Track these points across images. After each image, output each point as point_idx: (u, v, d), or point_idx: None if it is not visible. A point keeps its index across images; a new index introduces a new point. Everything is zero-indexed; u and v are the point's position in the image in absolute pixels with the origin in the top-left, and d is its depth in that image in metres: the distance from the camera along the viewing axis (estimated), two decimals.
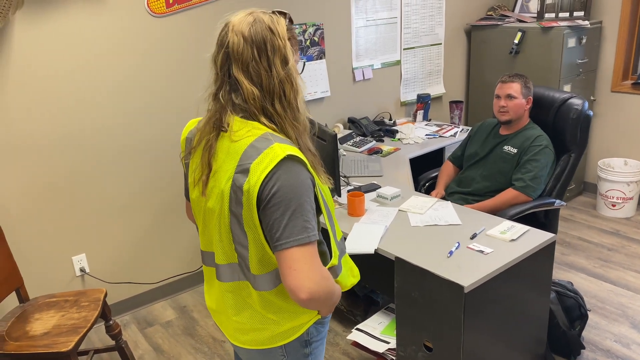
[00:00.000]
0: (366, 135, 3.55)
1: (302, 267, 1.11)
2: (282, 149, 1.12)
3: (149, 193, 2.99)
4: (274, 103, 1.18)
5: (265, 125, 1.18)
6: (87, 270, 2.87)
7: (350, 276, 1.36)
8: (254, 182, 1.12)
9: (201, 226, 1.32)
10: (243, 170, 1.14)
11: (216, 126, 1.20)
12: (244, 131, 1.17)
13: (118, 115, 2.79)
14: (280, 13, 1.23)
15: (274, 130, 1.19)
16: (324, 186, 1.23)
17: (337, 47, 3.55)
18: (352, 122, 3.65)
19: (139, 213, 2.99)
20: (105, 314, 2.40)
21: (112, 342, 2.50)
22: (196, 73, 2.97)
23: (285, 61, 1.17)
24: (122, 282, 3.00)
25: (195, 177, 1.26)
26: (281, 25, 1.19)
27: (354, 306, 2.86)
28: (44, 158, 2.62)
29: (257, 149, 1.14)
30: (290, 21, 1.24)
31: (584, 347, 2.50)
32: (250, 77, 1.16)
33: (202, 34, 2.92)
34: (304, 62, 1.26)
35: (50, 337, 2.11)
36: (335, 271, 1.29)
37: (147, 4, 2.73)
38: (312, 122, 1.29)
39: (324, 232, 1.32)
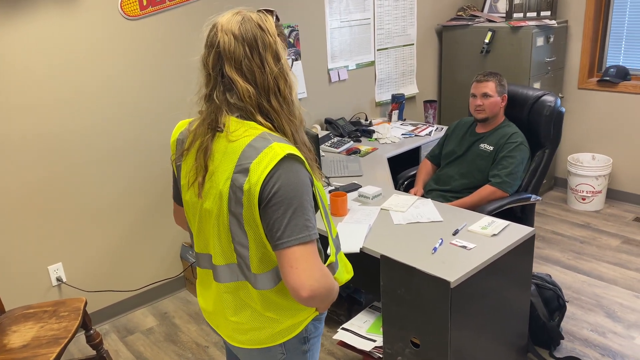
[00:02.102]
0: (343, 135, 3.56)
1: (303, 265, 1.11)
2: (282, 148, 1.13)
3: (126, 199, 2.94)
4: (269, 99, 1.18)
5: (261, 124, 1.19)
6: (64, 280, 2.80)
7: (345, 272, 1.37)
8: (254, 181, 1.12)
9: (196, 228, 1.30)
10: (242, 170, 1.14)
11: (212, 127, 1.20)
12: (241, 131, 1.17)
13: (94, 119, 2.73)
14: (267, 11, 1.24)
15: (270, 129, 1.19)
16: (318, 183, 1.24)
17: (312, 49, 3.56)
18: (329, 123, 3.66)
19: (116, 219, 2.93)
20: (85, 323, 2.35)
21: (92, 352, 2.45)
22: (172, 76, 2.93)
23: (277, 57, 1.19)
24: (101, 290, 2.94)
25: (189, 179, 1.25)
26: (269, 22, 1.20)
27: (338, 306, 2.87)
28: (15, 164, 2.55)
29: (256, 149, 1.14)
30: (277, 19, 1.26)
31: (563, 338, 2.57)
32: (244, 75, 1.17)
33: (177, 36, 2.89)
34: (292, 60, 1.27)
35: (30, 350, 2.06)
36: (332, 268, 1.30)
37: (121, 6, 2.69)
38: None
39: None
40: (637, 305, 2.86)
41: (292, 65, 1.27)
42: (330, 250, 1.29)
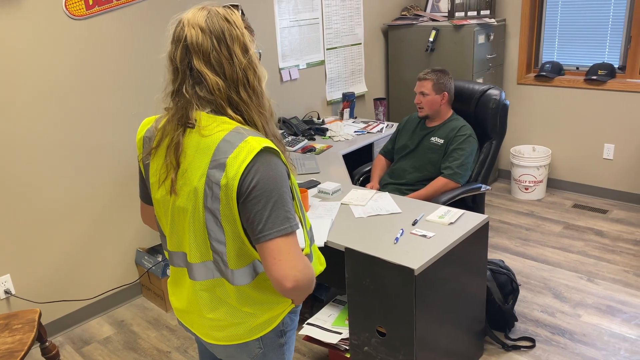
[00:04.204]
0: (297, 134, 3.59)
1: (286, 257, 1.12)
2: (258, 141, 1.13)
3: (76, 205, 2.83)
4: (238, 91, 1.18)
5: (232, 117, 1.18)
6: (13, 292, 2.67)
7: (319, 264, 1.39)
8: (232, 175, 1.11)
9: (169, 227, 1.28)
10: (218, 165, 1.13)
11: (182, 122, 1.18)
12: (214, 126, 1.16)
13: (39, 120, 2.62)
14: (233, 6, 1.25)
15: (240, 122, 1.19)
16: (292, 175, 1.25)
17: (263, 48, 3.54)
18: (282, 122, 3.67)
19: (67, 227, 2.82)
20: (40, 335, 2.25)
21: None
22: (120, 76, 2.86)
23: (245, 49, 1.19)
24: (52, 300, 2.82)
25: (160, 177, 1.23)
26: (236, 15, 1.21)
27: None
28: None
29: (231, 143, 1.13)
30: (243, 13, 1.26)
31: (517, 320, 2.69)
32: (213, 68, 1.16)
33: (126, 36, 2.82)
34: (260, 53, 1.28)
35: None
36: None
37: (65, 5, 2.59)
38: None
39: None
40: (581, 285, 3.04)
41: (260, 58, 1.28)
42: (305, 242, 1.31)
